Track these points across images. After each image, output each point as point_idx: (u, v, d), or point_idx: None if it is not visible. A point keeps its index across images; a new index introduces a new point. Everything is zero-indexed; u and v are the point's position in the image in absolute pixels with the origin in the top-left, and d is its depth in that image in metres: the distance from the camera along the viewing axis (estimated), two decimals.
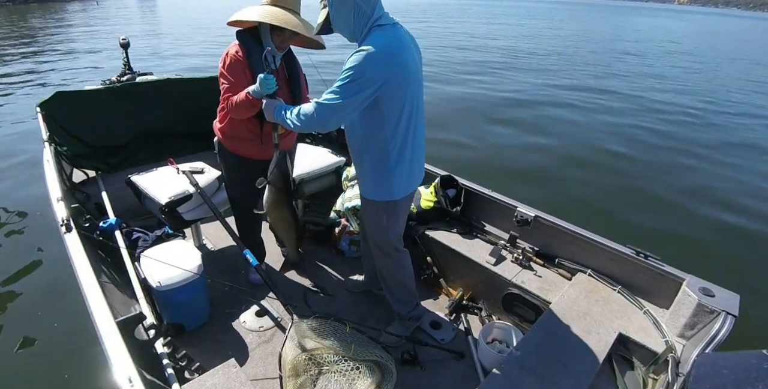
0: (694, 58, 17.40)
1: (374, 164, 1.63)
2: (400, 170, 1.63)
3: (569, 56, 15.41)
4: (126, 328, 1.36)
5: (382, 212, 1.73)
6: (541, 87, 9.94)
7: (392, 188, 1.66)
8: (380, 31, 1.41)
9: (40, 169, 2.30)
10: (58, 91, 2.60)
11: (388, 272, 1.91)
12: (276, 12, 1.72)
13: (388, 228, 1.76)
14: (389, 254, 1.85)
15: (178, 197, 2.14)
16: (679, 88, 11.09)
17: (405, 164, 1.63)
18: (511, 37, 20.72)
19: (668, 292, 1.82)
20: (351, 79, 1.36)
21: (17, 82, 8.81)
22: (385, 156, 1.59)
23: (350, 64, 1.36)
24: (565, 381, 1.48)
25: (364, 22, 1.42)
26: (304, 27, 1.75)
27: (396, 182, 1.65)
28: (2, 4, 29.22)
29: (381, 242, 1.81)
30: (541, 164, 5.51)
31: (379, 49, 1.35)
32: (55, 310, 2.57)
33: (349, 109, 1.41)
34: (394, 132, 1.54)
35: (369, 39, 1.40)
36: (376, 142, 1.57)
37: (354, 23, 1.42)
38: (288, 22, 1.71)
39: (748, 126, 7.96)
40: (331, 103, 1.40)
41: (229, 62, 1.78)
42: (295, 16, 1.77)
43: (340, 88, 1.38)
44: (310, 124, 1.48)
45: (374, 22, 1.43)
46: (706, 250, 3.83)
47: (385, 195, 1.68)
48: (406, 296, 1.97)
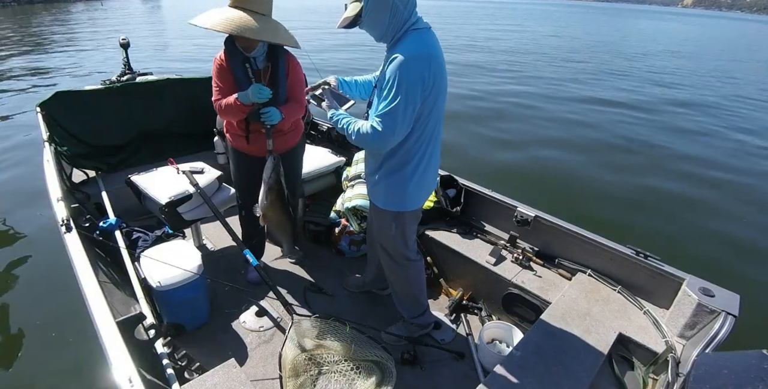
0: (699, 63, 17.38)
1: (391, 171, 1.57)
2: (416, 181, 1.57)
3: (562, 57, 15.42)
4: (126, 328, 1.36)
5: (391, 221, 1.68)
6: (547, 87, 9.95)
7: (405, 199, 1.61)
8: (417, 35, 1.38)
9: (39, 169, 2.30)
10: (58, 91, 2.60)
11: (395, 279, 1.89)
12: (226, 19, 1.65)
13: (396, 237, 1.72)
14: (397, 262, 1.81)
15: (178, 197, 2.14)
16: (683, 88, 11.10)
17: (422, 173, 1.57)
18: (514, 40, 20.68)
19: (668, 292, 1.82)
20: (404, 86, 1.32)
21: (18, 82, 8.82)
22: (405, 164, 1.54)
23: (399, 70, 1.31)
24: (565, 381, 1.48)
25: (400, 24, 1.38)
26: (261, 31, 1.66)
27: (411, 192, 1.60)
28: (7, 4, 29.26)
29: (390, 250, 1.79)
30: (542, 163, 5.52)
31: (425, 53, 1.34)
32: (55, 310, 2.57)
33: (409, 117, 1.38)
34: (418, 140, 1.49)
35: (407, 42, 1.37)
36: (400, 149, 1.51)
37: (388, 24, 1.38)
38: (237, 28, 1.63)
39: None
40: (391, 113, 1.35)
41: (216, 67, 1.87)
42: (255, 17, 1.68)
43: (394, 97, 1.34)
44: (375, 140, 1.41)
45: (411, 26, 1.39)
46: (706, 250, 3.83)
47: (397, 205, 1.63)
48: (411, 303, 1.93)
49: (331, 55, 11.63)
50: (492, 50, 15.79)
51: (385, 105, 1.37)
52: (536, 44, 18.54)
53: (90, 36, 15.69)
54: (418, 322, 1.97)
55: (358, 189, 2.49)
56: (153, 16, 27.70)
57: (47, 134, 2.51)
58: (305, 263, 2.54)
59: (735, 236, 4.09)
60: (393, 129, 1.38)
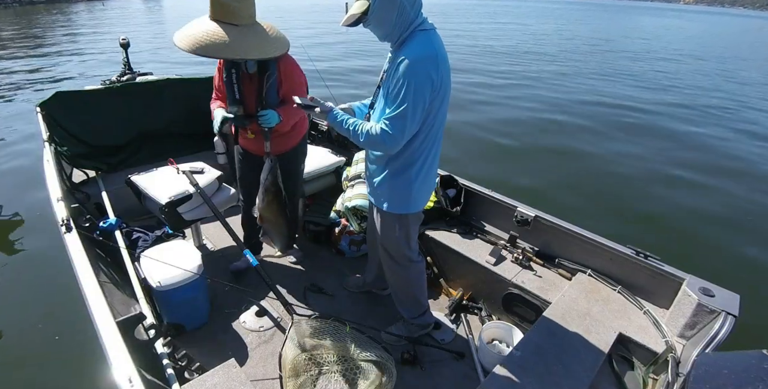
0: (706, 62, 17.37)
1: (395, 173, 1.56)
2: (419, 183, 1.58)
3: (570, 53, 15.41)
4: (126, 328, 1.36)
5: (395, 223, 1.69)
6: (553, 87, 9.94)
7: (410, 200, 1.61)
8: (425, 36, 1.37)
9: (39, 169, 2.30)
10: (58, 91, 2.60)
11: (396, 279, 1.89)
12: (190, 36, 1.60)
13: (399, 239, 1.72)
14: (399, 263, 1.82)
15: (178, 197, 2.14)
16: (689, 87, 11.09)
17: (426, 175, 1.58)
18: (516, 37, 20.66)
19: (668, 292, 1.82)
20: (413, 87, 1.32)
21: (18, 81, 8.82)
22: (410, 165, 1.53)
23: (408, 72, 1.31)
24: (565, 381, 1.48)
25: (406, 24, 1.37)
26: (226, 48, 1.59)
27: (415, 194, 1.60)
28: (9, 5, 29.32)
29: (392, 252, 1.79)
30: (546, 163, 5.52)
31: (432, 54, 1.34)
32: (55, 310, 2.57)
33: (418, 118, 1.39)
34: (424, 141, 1.49)
35: (414, 43, 1.36)
36: (406, 150, 1.50)
37: (395, 24, 1.36)
38: (200, 48, 1.57)
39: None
40: (401, 116, 1.36)
41: (217, 68, 1.95)
42: (230, 30, 1.61)
43: (403, 99, 1.34)
44: (385, 142, 1.41)
45: (417, 26, 1.38)
46: (706, 250, 3.83)
47: (401, 208, 1.63)
48: (411, 304, 1.94)
49: (335, 63, 11.61)
50: (493, 49, 15.78)
51: (394, 107, 1.37)
52: (537, 43, 18.53)
53: (92, 37, 15.69)
54: (418, 322, 1.97)
55: (358, 189, 2.49)
56: (154, 16, 27.70)
57: (47, 134, 2.51)
58: (305, 263, 2.54)
59: (735, 236, 4.09)
60: (403, 131, 1.39)
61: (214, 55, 1.63)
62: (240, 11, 1.64)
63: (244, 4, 1.65)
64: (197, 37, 1.60)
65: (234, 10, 1.63)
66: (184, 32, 1.64)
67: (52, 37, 15.83)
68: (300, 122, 2.14)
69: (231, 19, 1.63)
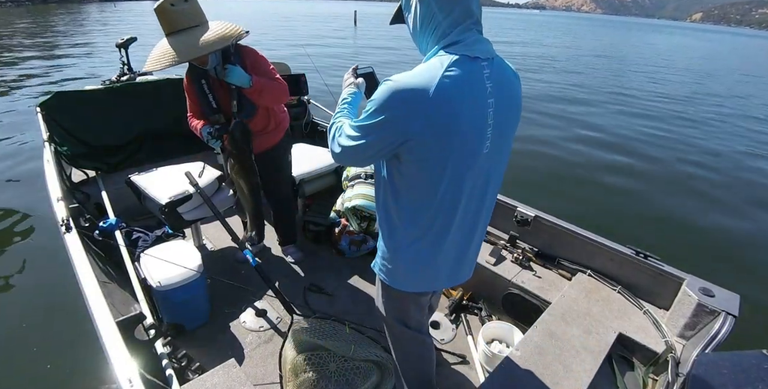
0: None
1: (387, 232, 1.17)
2: (414, 259, 1.14)
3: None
4: (126, 328, 1.36)
5: (380, 288, 1.33)
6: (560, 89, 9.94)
7: (394, 273, 1.20)
8: (437, 61, 0.93)
9: (40, 169, 2.30)
10: (58, 91, 2.60)
11: (392, 349, 1.46)
12: (158, 54, 1.63)
13: (385, 305, 1.35)
14: (387, 328, 1.42)
15: (178, 197, 2.14)
16: (689, 96, 11.09)
17: (427, 254, 1.13)
18: (521, 56, 20.58)
19: (668, 292, 1.82)
20: (373, 114, 0.96)
21: (19, 82, 8.81)
22: (398, 231, 1.13)
23: (376, 94, 0.95)
24: (565, 381, 1.48)
25: (428, 35, 0.99)
26: (182, 53, 1.61)
27: (403, 270, 1.18)
28: (21, 4, 29.35)
29: (379, 310, 1.40)
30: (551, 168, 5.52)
31: (413, 87, 0.89)
32: (54, 310, 2.57)
33: (369, 152, 1.01)
34: (420, 207, 1.06)
35: (422, 64, 0.96)
36: (393, 209, 1.11)
37: (419, 31, 1.01)
38: (157, 64, 1.61)
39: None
40: (349, 138, 1.02)
41: (185, 90, 2.00)
42: (183, 36, 1.64)
43: (360, 122, 0.99)
44: (330, 142, 1.11)
45: (446, 43, 0.95)
46: (706, 250, 3.83)
47: (387, 277, 1.22)
48: (417, 386, 1.47)
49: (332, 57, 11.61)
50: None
51: (353, 124, 1.02)
52: (548, 58, 18.47)
53: (103, 38, 15.70)
54: None
55: (358, 189, 2.49)
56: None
57: (47, 134, 2.51)
58: (305, 263, 2.54)
59: (735, 236, 4.10)
60: (347, 155, 1.06)
61: (187, 57, 1.64)
62: (185, 14, 1.66)
63: (185, 6, 1.67)
64: (167, 53, 1.62)
65: (178, 14, 1.65)
66: (153, 57, 1.66)
67: (64, 37, 15.84)
68: (281, 120, 2.16)
69: (182, 25, 1.65)
